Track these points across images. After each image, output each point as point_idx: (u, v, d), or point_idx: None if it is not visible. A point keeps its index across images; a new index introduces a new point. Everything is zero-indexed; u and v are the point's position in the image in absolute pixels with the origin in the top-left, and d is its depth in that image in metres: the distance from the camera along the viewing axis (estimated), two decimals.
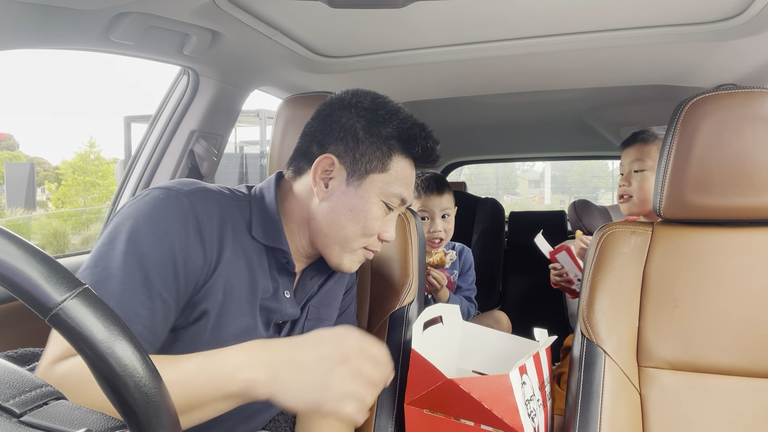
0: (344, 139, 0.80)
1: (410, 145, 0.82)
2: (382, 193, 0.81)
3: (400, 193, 0.82)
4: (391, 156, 0.81)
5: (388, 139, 0.81)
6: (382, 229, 0.83)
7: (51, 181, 13.11)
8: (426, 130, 0.83)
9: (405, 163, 0.83)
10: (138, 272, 0.65)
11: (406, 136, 0.81)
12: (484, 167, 13.65)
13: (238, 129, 8.33)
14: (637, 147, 1.38)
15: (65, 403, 0.38)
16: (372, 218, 0.80)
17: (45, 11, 0.88)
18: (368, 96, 0.83)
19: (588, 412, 0.86)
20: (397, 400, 0.94)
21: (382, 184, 0.80)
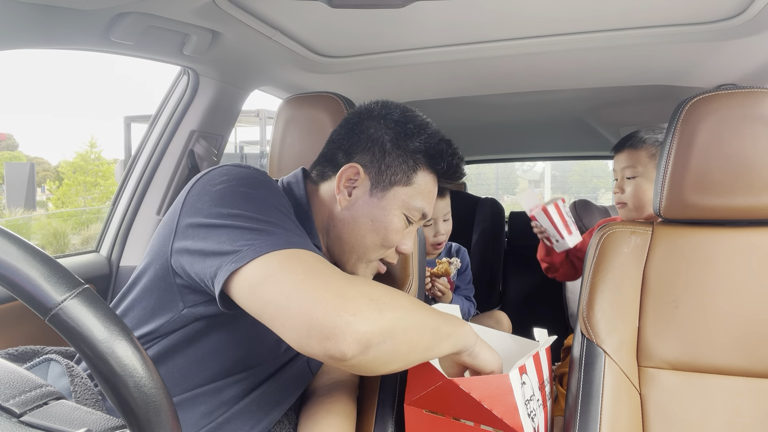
0: (371, 149, 0.80)
1: (436, 161, 0.82)
2: (405, 206, 0.81)
3: (422, 207, 0.82)
4: (416, 170, 0.81)
5: (414, 153, 0.81)
6: (400, 242, 0.83)
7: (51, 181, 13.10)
8: (452, 146, 0.84)
9: (429, 178, 0.83)
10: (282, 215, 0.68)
11: (433, 151, 0.82)
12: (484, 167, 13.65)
13: (238, 129, 8.33)
14: (627, 153, 1.34)
15: (65, 403, 0.38)
16: (392, 230, 0.80)
17: (45, 11, 0.88)
18: (398, 109, 0.84)
19: (588, 412, 0.86)
20: (396, 400, 0.94)
21: (405, 197, 0.81)
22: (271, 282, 0.57)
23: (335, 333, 0.54)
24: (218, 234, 0.62)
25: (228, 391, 0.77)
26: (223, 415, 0.76)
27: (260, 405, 0.80)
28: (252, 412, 0.79)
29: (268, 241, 0.60)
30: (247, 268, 0.58)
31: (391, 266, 1.10)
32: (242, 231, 0.61)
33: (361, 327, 0.55)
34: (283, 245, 0.60)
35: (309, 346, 0.56)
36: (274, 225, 0.63)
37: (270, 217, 0.64)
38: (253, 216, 0.63)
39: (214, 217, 0.64)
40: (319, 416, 0.86)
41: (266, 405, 0.81)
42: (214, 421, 0.75)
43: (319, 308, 0.55)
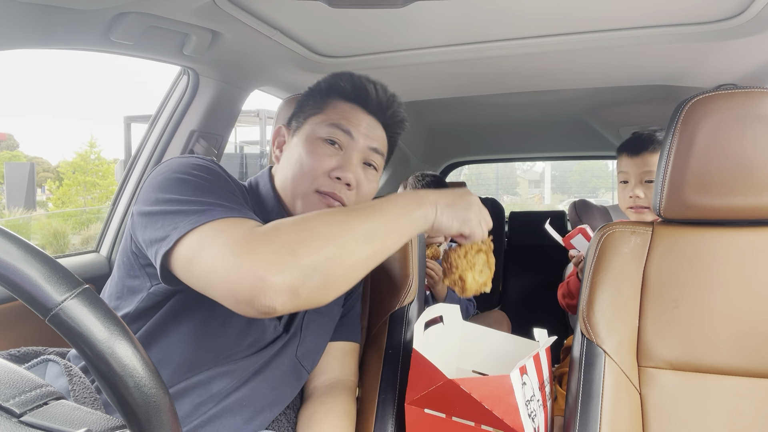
0: (294, 111, 0.89)
1: (338, 85, 0.86)
2: (321, 130, 0.83)
3: (339, 124, 0.83)
4: (326, 100, 0.86)
5: (323, 90, 0.87)
6: (331, 168, 0.81)
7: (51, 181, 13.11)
8: (364, 76, 0.88)
9: (343, 104, 0.86)
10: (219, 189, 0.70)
11: (334, 79, 0.87)
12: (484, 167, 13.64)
13: (238, 129, 8.33)
14: (646, 157, 1.33)
15: (65, 403, 0.38)
16: (311, 154, 0.81)
17: (45, 11, 0.88)
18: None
19: (588, 412, 0.86)
20: (397, 400, 0.94)
21: (319, 122, 0.84)
22: (197, 259, 0.60)
23: (255, 293, 0.55)
24: (154, 221, 0.66)
25: (216, 384, 0.77)
26: (214, 408, 0.77)
27: (251, 400, 0.81)
28: (243, 407, 0.80)
29: (191, 218, 0.63)
30: (177, 249, 0.62)
31: (391, 266, 1.10)
32: (172, 214, 0.65)
33: (277, 278, 0.55)
34: (204, 219, 0.62)
35: (243, 310, 0.58)
36: (198, 202, 0.65)
37: (196, 196, 0.66)
38: (182, 198, 0.66)
39: (151, 204, 0.68)
40: (319, 416, 0.86)
41: (258, 401, 0.81)
42: (206, 413, 0.76)
43: (234, 274, 0.56)
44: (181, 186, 0.68)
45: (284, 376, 0.86)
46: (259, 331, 0.81)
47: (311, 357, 0.91)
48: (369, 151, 0.85)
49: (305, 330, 0.89)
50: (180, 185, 0.68)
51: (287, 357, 0.86)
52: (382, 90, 0.87)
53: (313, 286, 0.57)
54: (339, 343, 0.97)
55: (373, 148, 0.85)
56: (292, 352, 0.87)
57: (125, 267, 0.76)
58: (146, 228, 0.67)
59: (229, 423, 0.77)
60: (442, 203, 0.73)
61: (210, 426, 0.76)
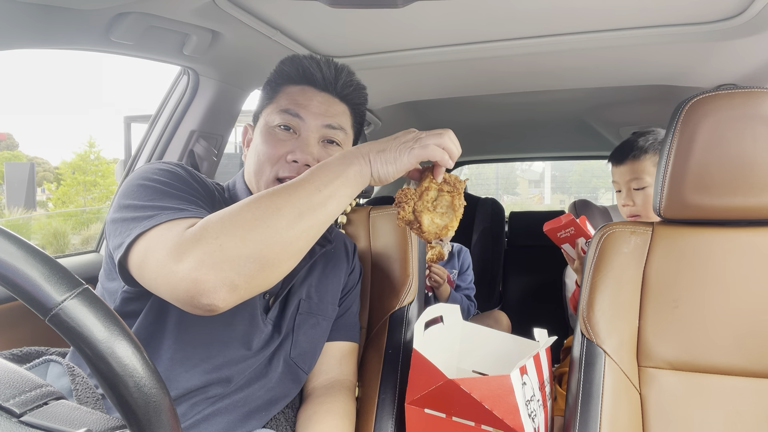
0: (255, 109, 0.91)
1: (285, 71, 0.88)
2: (274, 119, 0.84)
3: (288, 108, 0.84)
4: (276, 89, 0.88)
5: (273, 79, 0.89)
6: (286, 152, 0.83)
7: (50, 181, 13.10)
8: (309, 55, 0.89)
9: (293, 88, 0.87)
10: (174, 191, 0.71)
11: (282, 65, 0.89)
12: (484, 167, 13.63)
13: (238, 129, 8.32)
14: (630, 166, 1.32)
15: (65, 403, 0.38)
16: (266, 144, 0.83)
17: (45, 11, 0.88)
18: None
19: (588, 412, 0.86)
20: (397, 400, 0.94)
21: (270, 111, 0.86)
22: (143, 265, 0.62)
23: (192, 294, 0.56)
24: (116, 227, 0.68)
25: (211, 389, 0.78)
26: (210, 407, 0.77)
27: (247, 402, 0.81)
28: (239, 407, 0.80)
29: (141, 225, 0.64)
30: (129, 256, 0.64)
31: (391, 266, 1.10)
32: (127, 221, 0.66)
33: (209, 276, 0.55)
34: (149, 225, 0.63)
35: (190, 310, 0.58)
36: (150, 208, 0.66)
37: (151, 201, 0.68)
38: (137, 204, 0.68)
39: (115, 211, 0.70)
40: (318, 416, 0.86)
41: (253, 402, 0.82)
42: (200, 413, 0.76)
43: (172, 278, 0.57)
44: (139, 192, 0.70)
45: (280, 378, 0.86)
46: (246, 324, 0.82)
47: (307, 357, 0.91)
48: (325, 129, 0.85)
49: (297, 331, 0.89)
50: (138, 191, 0.70)
51: (281, 359, 0.86)
52: (326, 65, 0.88)
53: (248, 274, 0.57)
54: (337, 344, 0.97)
55: (329, 125, 0.86)
56: (286, 354, 0.87)
57: (105, 271, 0.79)
58: (110, 235, 0.69)
59: (224, 421, 0.78)
60: (374, 151, 0.68)
61: (205, 424, 0.76)
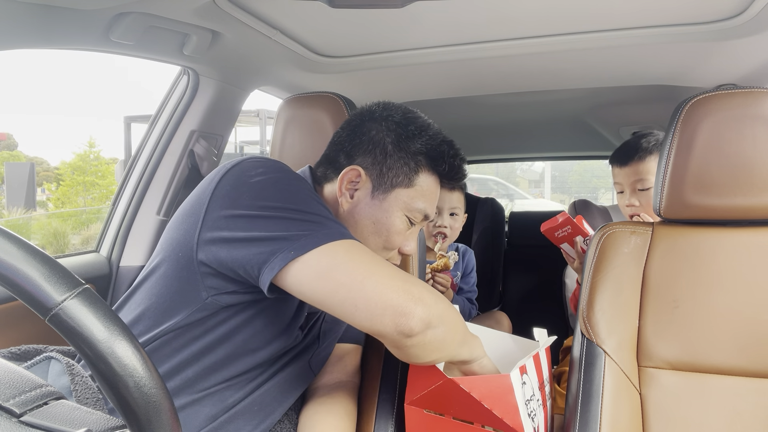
0: (372, 151, 0.81)
1: (438, 162, 0.83)
2: (406, 207, 0.81)
3: (423, 208, 0.83)
4: (418, 172, 0.82)
5: (416, 154, 0.81)
6: (402, 243, 0.84)
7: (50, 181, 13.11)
8: (454, 147, 0.84)
9: (431, 180, 0.84)
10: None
11: (435, 153, 0.82)
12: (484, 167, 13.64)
13: (238, 129, 8.33)
14: (635, 167, 1.32)
15: (65, 403, 0.38)
16: (394, 232, 0.81)
17: (45, 11, 0.88)
18: (399, 110, 0.84)
19: (588, 412, 0.86)
20: (397, 400, 0.94)
21: (406, 198, 0.81)
22: (342, 269, 0.63)
23: (407, 312, 0.63)
24: (265, 223, 0.64)
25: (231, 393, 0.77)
26: (226, 414, 0.76)
27: (262, 405, 0.81)
28: (254, 411, 0.79)
29: (324, 231, 0.64)
30: (311, 255, 0.62)
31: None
32: (293, 222, 0.64)
33: (425, 310, 0.64)
34: (339, 236, 0.65)
35: (382, 323, 0.63)
36: (323, 218, 0.67)
37: (315, 210, 0.67)
38: (299, 209, 0.66)
39: (257, 209, 0.65)
40: (320, 416, 0.86)
41: (268, 405, 0.81)
42: (216, 420, 0.75)
43: (392, 291, 0.64)
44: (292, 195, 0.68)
45: (294, 380, 0.86)
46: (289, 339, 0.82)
47: (321, 361, 0.92)
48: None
49: (323, 338, 0.89)
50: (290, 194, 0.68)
51: (300, 363, 0.86)
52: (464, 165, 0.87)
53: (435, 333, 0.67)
54: (342, 345, 0.98)
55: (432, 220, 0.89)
56: (306, 358, 0.87)
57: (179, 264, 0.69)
58: (248, 229, 0.64)
59: (240, 427, 0.77)
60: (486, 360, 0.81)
61: (218, 427, 0.76)
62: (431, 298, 0.67)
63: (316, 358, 0.89)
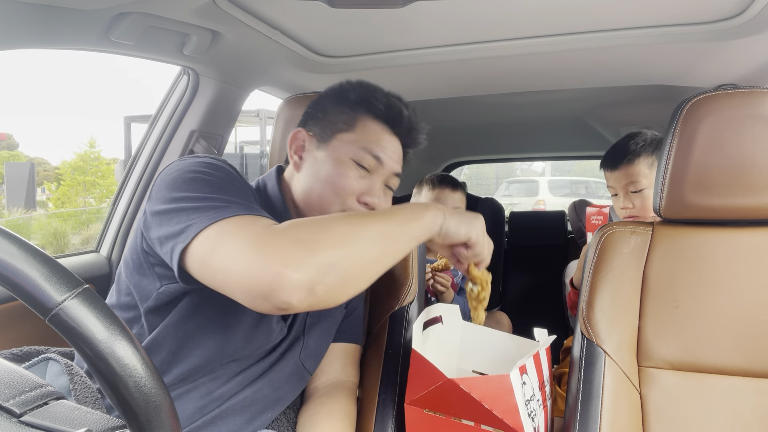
0: (314, 115, 0.87)
1: (372, 104, 0.85)
2: (350, 151, 0.82)
3: (370, 148, 0.82)
4: (356, 116, 0.84)
5: (353, 103, 0.85)
6: (360, 191, 0.82)
7: (51, 181, 13.10)
8: (392, 94, 0.87)
9: (374, 124, 0.85)
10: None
11: (369, 96, 0.85)
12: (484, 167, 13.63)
13: (238, 129, 8.33)
14: (625, 170, 1.32)
15: (65, 403, 0.38)
16: (340, 176, 0.81)
17: (45, 11, 0.88)
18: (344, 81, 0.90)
19: (588, 412, 0.86)
20: (397, 400, 0.94)
21: (348, 141, 0.83)
22: (215, 253, 0.60)
23: (273, 288, 0.56)
24: (170, 218, 0.66)
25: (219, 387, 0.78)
26: (217, 409, 0.77)
27: (253, 402, 0.81)
28: (245, 408, 0.80)
29: (208, 215, 0.63)
30: (193, 244, 0.62)
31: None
32: (188, 210, 0.65)
33: (295, 274, 0.56)
34: (222, 216, 0.62)
35: (258, 305, 0.58)
36: (216, 200, 0.65)
37: (215, 194, 0.67)
38: (198, 195, 0.66)
39: (167, 203, 0.67)
40: (319, 417, 0.86)
41: (260, 402, 0.82)
42: (207, 414, 0.76)
43: (253, 269, 0.57)
44: (195, 184, 0.68)
45: (287, 378, 0.86)
46: (265, 333, 0.81)
47: (314, 359, 0.91)
48: (392, 176, 0.86)
49: (308, 333, 0.89)
50: (195, 183, 0.68)
51: (291, 360, 0.86)
52: (413, 113, 0.87)
53: (329, 283, 0.58)
54: (340, 345, 0.98)
55: (396, 173, 0.87)
56: (296, 355, 0.87)
57: (134, 265, 0.75)
58: (160, 225, 0.66)
59: (230, 423, 0.78)
60: (449, 211, 0.76)
61: (211, 427, 0.76)
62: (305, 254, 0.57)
63: (306, 354, 0.89)
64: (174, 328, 0.74)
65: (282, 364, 0.85)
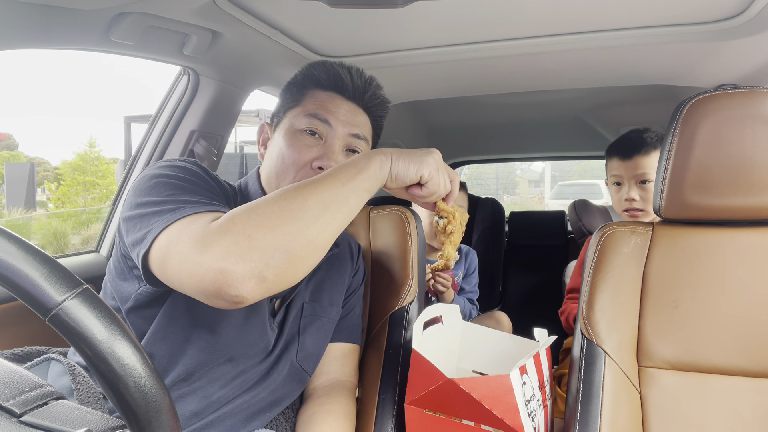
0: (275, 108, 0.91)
1: (314, 75, 0.87)
2: (300, 122, 0.84)
3: (316, 113, 0.83)
4: (303, 92, 0.87)
5: (299, 83, 0.88)
6: (313, 158, 0.82)
7: (51, 181, 13.10)
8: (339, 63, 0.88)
9: (321, 93, 0.86)
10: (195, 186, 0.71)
11: (310, 70, 0.87)
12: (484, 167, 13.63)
13: (238, 129, 8.32)
14: (637, 160, 1.34)
15: (65, 403, 0.38)
16: (292, 148, 0.82)
17: (45, 11, 0.88)
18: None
19: (588, 412, 0.86)
20: (397, 400, 0.94)
21: (296, 114, 0.85)
22: (168, 257, 0.61)
23: (219, 285, 0.55)
24: (135, 223, 0.67)
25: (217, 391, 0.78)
26: (214, 413, 0.77)
27: (251, 404, 0.81)
28: (243, 410, 0.80)
29: (164, 218, 0.63)
30: (152, 250, 0.63)
31: (391, 266, 1.10)
32: (148, 216, 0.65)
33: (237, 266, 0.55)
34: (173, 219, 0.62)
35: (215, 303, 0.58)
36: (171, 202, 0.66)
37: (171, 195, 0.67)
38: (157, 199, 0.67)
39: (133, 209, 0.68)
40: (319, 417, 0.86)
41: (257, 404, 0.82)
42: (205, 419, 0.76)
43: (198, 270, 0.56)
44: (157, 188, 0.69)
45: (285, 380, 0.86)
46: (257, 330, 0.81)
47: (312, 359, 0.91)
48: (350, 138, 0.85)
49: (303, 333, 0.89)
50: (156, 187, 0.69)
51: (287, 361, 0.86)
52: (357, 74, 0.88)
53: (277, 266, 0.57)
54: (339, 344, 0.97)
55: (354, 134, 0.85)
56: (292, 357, 0.87)
57: (116, 269, 0.78)
58: (128, 232, 0.68)
59: (227, 424, 0.78)
60: (396, 152, 0.73)
61: (208, 429, 0.76)
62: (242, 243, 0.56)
63: (303, 355, 0.88)
64: (164, 331, 0.75)
65: (279, 367, 0.85)
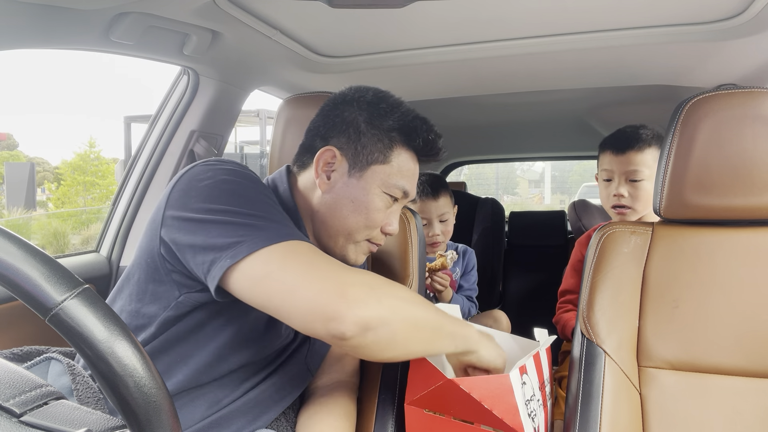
0: (346, 131, 0.81)
1: (411, 137, 0.83)
2: (384, 184, 0.81)
3: (402, 185, 0.82)
4: (392, 148, 0.82)
5: (389, 131, 0.81)
6: (384, 222, 0.83)
7: (51, 181, 13.09)
8: (428, 123, 0.85)
9: (407, 156, 0.83)
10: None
11: (408, 128, 0.82)
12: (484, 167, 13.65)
13: (238, 129, 8.33)
14: (630, 156, 1.29)
15: (65, 403, 0.38)
16: (374, 209, 0.81)
17: (45, 11, 0.88)
18: (370, 91, 0.85)
19: (588, 412, 0.86)
20: (397, 400, 0.94)
21: (383, 175, 0.81)
22: (274, 276, 0.61)
23: (337, 316, 0.60)
24: (208, 229, 0.64)
25: (225, 391, 0.77)
26: (219, 411, 0.77)
27: (257, 403, 0.81)
28: (249, 408, 0.80)
29: (262, 235, 0.63)
30: (246, 262, 0.62)
31: (391, 266, 1.10)
32: (233, 226, 0.63)
33: (360, 311, 0.61)
34: (277, 238, 0.63)
35: (314, 328, 0.62)
36: (263, 219, 0.65)
37: (258, 211, 0.66)
38: (242, 211, 0.65)
39: (203, 213, 0.65)
40: (319, 416, 0.86)
41: (263, 403, 0.82)
42: (209, 417, 0.76)
43: (323, 295, 0.61)
44: (235, 197, 0.67)
45: (291, 379, 0.86)
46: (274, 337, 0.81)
47: (318, 359, 0.92)
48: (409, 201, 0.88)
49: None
50: (233, 197, 0.67)
51: (296, 362, 0.87)
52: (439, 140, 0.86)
53: (380, 334, 0.63)
54: None
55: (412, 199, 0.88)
56: (302, 358, 0.87)
57: (149, 269, 0.72)
58: (194, 233, 0.65)
59: (233, 424, 0.78)
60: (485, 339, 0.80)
61: (214, 428, 0.76)
62: (372, 299, 0.63)
63: (312, 357, 0.89)
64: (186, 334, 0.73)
65: (288, 366, 0.85)
